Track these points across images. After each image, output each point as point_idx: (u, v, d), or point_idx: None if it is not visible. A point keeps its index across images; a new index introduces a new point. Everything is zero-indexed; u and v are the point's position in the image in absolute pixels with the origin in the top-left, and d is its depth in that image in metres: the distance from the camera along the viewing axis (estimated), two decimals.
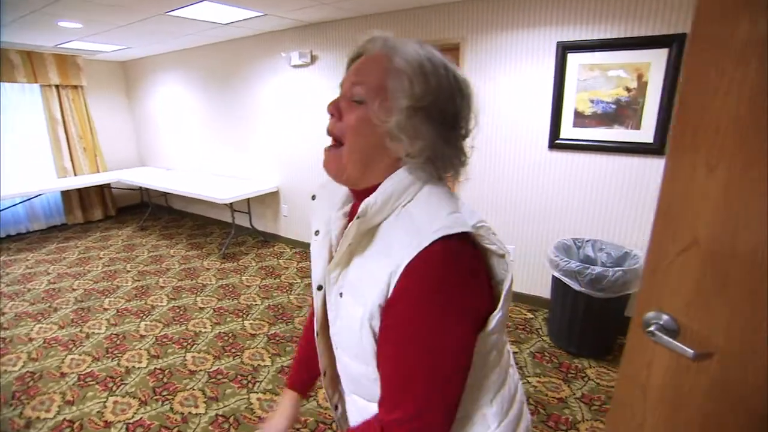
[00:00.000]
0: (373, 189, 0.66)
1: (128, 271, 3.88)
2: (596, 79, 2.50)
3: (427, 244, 0.58)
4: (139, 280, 3.67)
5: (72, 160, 5.31)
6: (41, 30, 3.61)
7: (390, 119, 0.63)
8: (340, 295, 0.70)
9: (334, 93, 0.72)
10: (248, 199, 4.42)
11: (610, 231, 2.63)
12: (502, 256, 0.66)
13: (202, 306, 3.18)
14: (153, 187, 4.68)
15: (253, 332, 2.80)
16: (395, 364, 0.63)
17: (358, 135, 0.66)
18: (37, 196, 4.98)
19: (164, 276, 3.75)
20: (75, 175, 5.33)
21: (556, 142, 2.71)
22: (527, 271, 3.01)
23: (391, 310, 0.61)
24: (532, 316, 2.92)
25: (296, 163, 4.15)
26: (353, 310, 0.66)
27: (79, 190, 5.31)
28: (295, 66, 3.81)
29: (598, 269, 2.21)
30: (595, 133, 2.57)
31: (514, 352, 2.51)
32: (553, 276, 2.48)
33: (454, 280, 0.59)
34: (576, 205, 2.73)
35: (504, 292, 0.65)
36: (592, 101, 2.55)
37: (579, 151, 2.65)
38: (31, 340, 2.76)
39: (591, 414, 2.02)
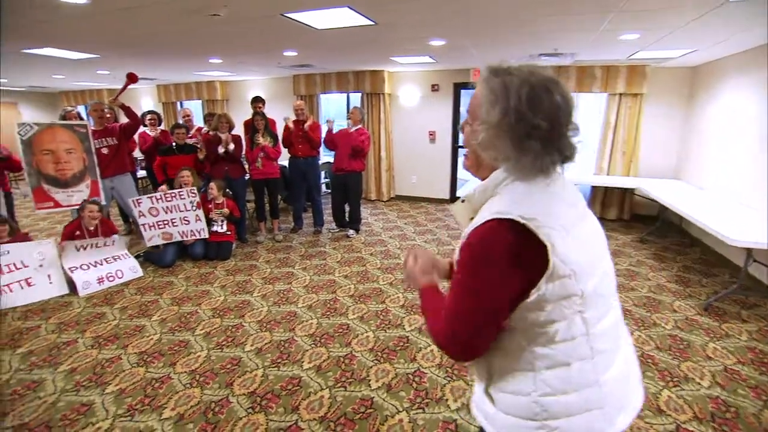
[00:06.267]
0: None
1: None
2: None
3: (483, 221, 0.81)
4: None
5: (609, 161, 5.81)
6: (607, 45, 4.05)
7: (476, 138, 0.86)
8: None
9: None
10: None
11: None
12: (544, 246, 0.78)
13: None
14: (665, 202, 4.34)
15: None
16: (450, 296, 0.88)
17: (468, 145, 0.94)
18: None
19: (624, 293, 3.59)
20: (607, 174, 5.84)
21: None
22: None
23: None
24: None
25: None
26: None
27: (605, 188, 5.81)
28: None
29: None
30: None
31: None
32: None
33: (489, 251, 0.80)
34: None
35: (545, 276, 0.78)
36: None
37: None
38: None
39: None
